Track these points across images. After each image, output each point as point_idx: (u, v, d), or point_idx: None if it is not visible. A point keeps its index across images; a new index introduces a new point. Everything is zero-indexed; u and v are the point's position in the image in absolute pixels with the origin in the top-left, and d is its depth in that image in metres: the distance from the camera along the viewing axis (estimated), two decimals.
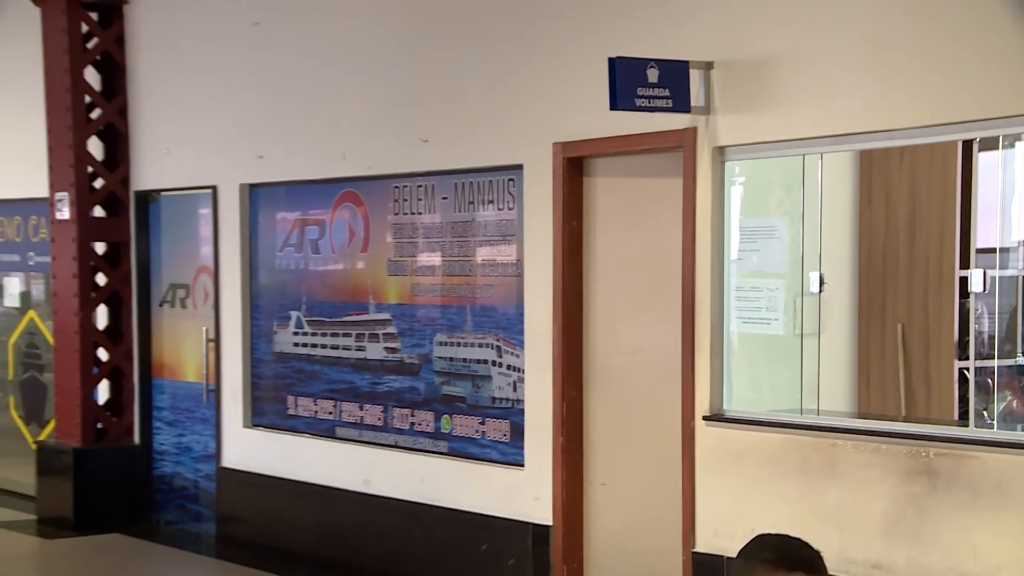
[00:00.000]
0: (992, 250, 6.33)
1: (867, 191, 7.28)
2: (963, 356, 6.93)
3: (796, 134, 6.41)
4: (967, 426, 6.21)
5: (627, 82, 6.45)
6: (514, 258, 7.79)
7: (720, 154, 6.70)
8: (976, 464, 5.76)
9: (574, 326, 7.46)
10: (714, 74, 6.66)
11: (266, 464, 9.47)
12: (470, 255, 8.06)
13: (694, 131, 6.74)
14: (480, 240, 8.01)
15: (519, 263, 7.74)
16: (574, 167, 7.43)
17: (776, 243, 6.75)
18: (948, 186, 7.04)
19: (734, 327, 6.77)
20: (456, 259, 8.16)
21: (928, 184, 7.21)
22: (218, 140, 9.81)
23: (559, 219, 7.43)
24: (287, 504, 9.29)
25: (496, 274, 7.93)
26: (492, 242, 7.93)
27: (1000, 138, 5.92)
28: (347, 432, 8.92)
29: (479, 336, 8.03)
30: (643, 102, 6.50)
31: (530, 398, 7.66)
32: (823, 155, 6.54)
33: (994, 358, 6.52)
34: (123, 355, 10.65)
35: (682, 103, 6.59)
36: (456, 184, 8.12)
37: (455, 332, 8.19)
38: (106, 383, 10.70)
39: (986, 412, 6.30)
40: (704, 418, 6.75)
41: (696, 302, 6.76)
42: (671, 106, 6.56)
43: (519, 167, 7.69)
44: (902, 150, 6.98)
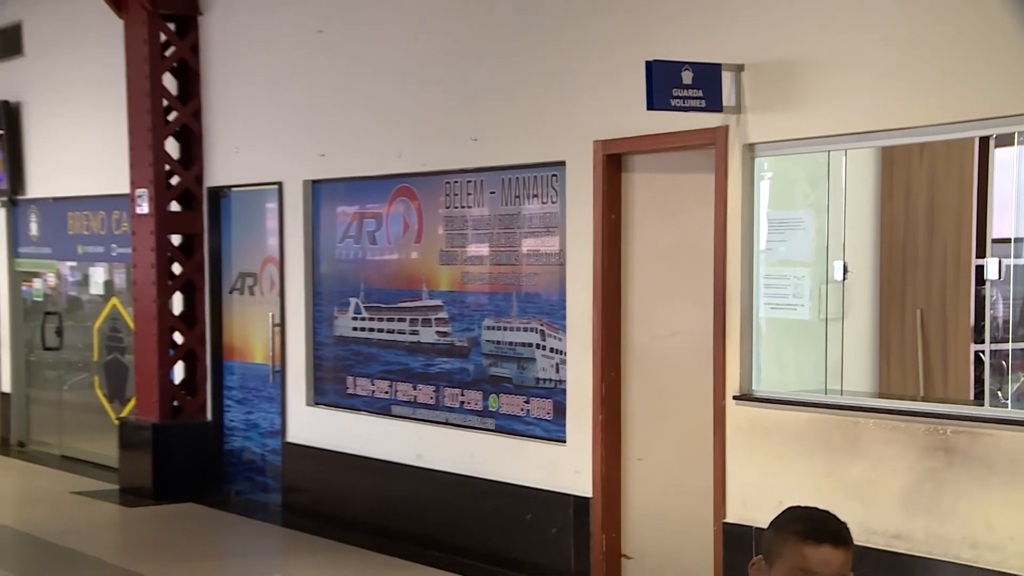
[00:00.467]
0: (1007, 240, 6.24)
1: (888, 185, 7.19)
2: (979, 340, 6.85)
3: (821, 132, 6.34)
4: (982, 405, 6.15)
5: (663, 84, 6.39)
6: (557, 248, 7.74)
7: (750, 151, 6.64)
8: (990, 441, 5.68)
9: (613, 312, 7.41)
10: (745, 76, 6.60)
11: (327, 439, 9.48)
12: (516, 246, 8.03)
13: (725, 129, 6.68)
14: (525, 232, 7.97)
15: (561, 253, 7.70)
16: (613, 163, 7.38)
17: (802, 234, 6.68)
18: (965, 180, 6.94)
19: (763, 312, 6.71)
20: (503, 249, 8.13)
21: (946, 178, 7.11)
22: (283, 140, 9.83)
23: (599, 212, 7.38)
24: (346, 476, 9.30)
25: (540, 263, 7.89)
26: (536, 233, 7.89)
27: (1016, 134, 5.84)
28: (402, 410, 8.91)
29: (524, 321, 7.99)
30: (678, 102, 6.44)
31: (571, 379, 7.62)
32: (847, 151, 6.47)
33: (1008, 342, 6.45)
34: (197, 339, 10.69)
35: (714, 103, 6.52)
36: (503, 179, 8.08)
37: (502, 317, 8.15)
38: (181, 364, 10.74)
39: (1000, 392, 6.24)
40: (734, 398, 6.69)
41: (727, 289, 6.70)
42: (704, 106, 6.50)
43: (562, 163, 7.65)
44: (921, 147, 6.89)
